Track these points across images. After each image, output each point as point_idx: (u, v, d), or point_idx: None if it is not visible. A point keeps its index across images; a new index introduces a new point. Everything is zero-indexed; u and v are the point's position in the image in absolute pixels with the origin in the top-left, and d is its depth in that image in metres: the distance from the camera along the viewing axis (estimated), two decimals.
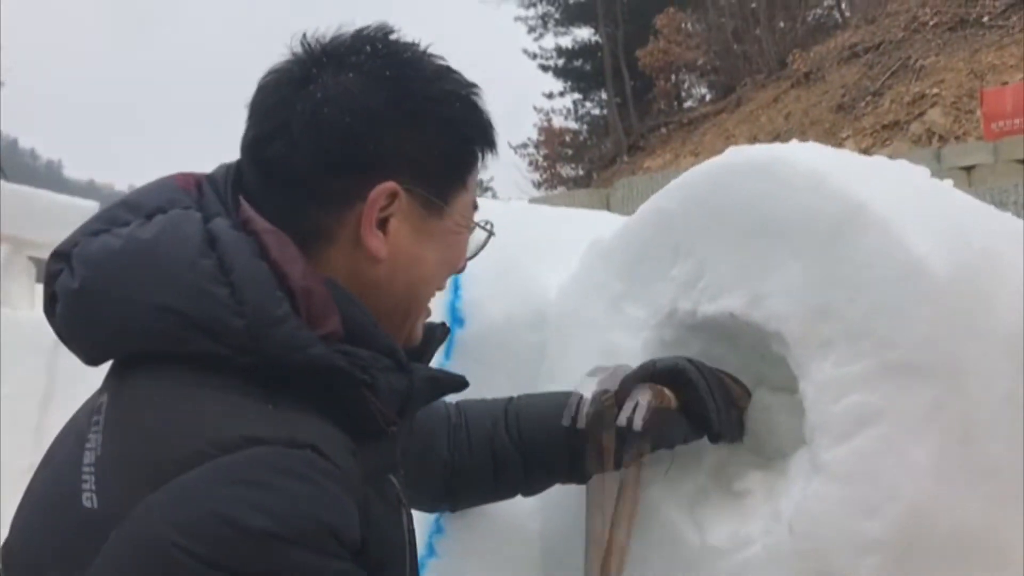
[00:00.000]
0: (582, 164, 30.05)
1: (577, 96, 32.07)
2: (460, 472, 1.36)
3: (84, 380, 1.08)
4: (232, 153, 1.05)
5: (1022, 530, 1.15)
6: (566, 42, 31.96)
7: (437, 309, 1.52)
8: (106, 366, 0.99)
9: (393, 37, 1.02)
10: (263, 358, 0.89)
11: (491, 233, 1.12)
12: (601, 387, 1.28)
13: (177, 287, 0.89)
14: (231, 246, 0.91)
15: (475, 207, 1.09)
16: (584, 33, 31.54)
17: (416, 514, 1.17)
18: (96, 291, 0.91)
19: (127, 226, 0.93)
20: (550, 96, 31.62)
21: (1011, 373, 1.17)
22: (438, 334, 1.14)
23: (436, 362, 1.40)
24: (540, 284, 1.63)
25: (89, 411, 0.95)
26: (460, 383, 1.11)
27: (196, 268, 0.89)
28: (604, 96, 30.40)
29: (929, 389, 1.13)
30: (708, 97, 28.07)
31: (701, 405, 1.29)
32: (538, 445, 1.35)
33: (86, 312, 0.92)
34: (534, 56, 31.31)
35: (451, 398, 1.24)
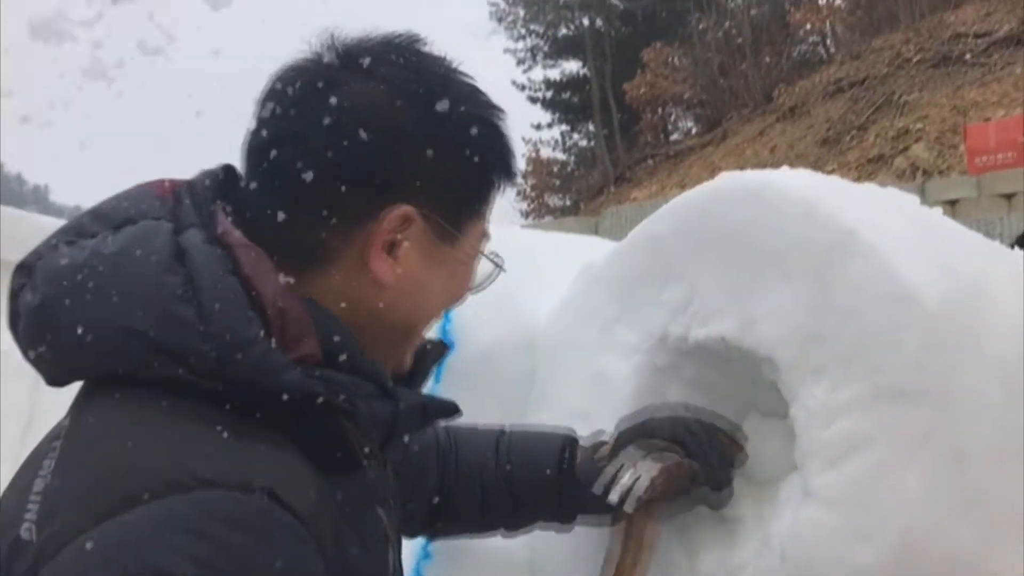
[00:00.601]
0: (569, 194, 30.17)
1: (565, 128, 32.26)
2: (447, 501, 1.31)
3: (65, 407, 1.03)
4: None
5: (1014, 557, 1.15)
6: (554, 75, 32.22)
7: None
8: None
9: (424, 49, 0.96)
10: (231, 383, 0.82)
11: (500, 267, 1.06)
12: (658, 465, 1.21)
13: (141, 307, 0.82)
14: (201, 262, 0.85)
15: (486, 236, 1.03)
16: (572, 66, 31.80)
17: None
18: (57, 309, 0.84)
19: (94, 238, 0.87)
20: (538, 127, 31.74)
21: (1002, 400, 1.17)
22: (433, 353, 1.06)
23: (425, 387, 1.39)
24: (531, 309, 1.63)
25: (51, 436, 0.89)
26: (451, 409, 1.03)
27: (161, 286, 0.83)
28: (592, 128, 30.59)
29: (920, 414, 1.13)
30: (694, 130, 28.25)
31: (702, 465, 1.26)
32: (528, 484, 1.29)
33: (47, 331, 0.86)
34: (523, 88, 31.49)
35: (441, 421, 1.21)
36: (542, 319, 1.61)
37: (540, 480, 1.29)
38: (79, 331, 0.84)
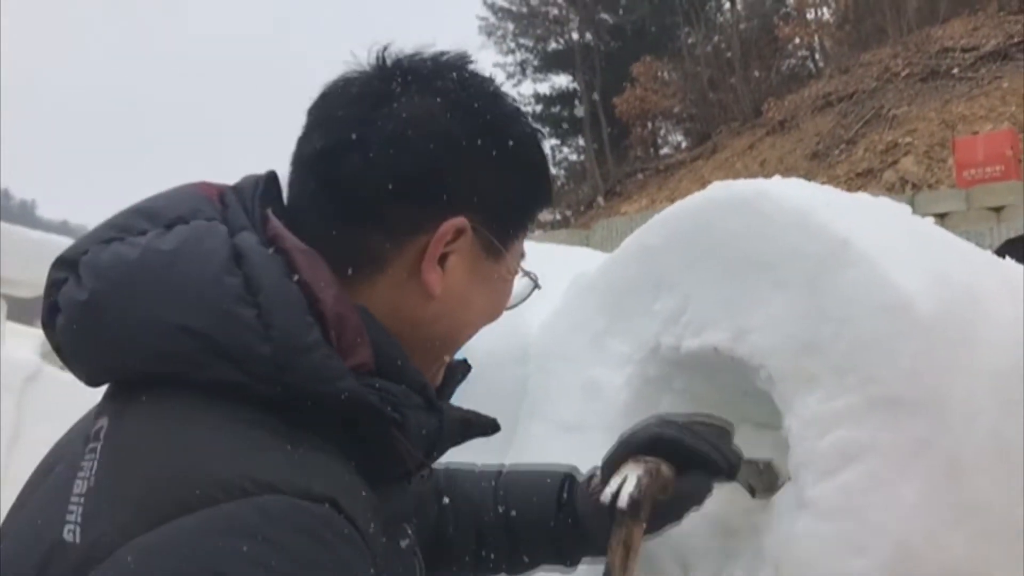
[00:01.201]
0: (559, 209, 30.23)
1: (555, 142, 32.36)
2: (444, 541, 1.27)
3: (52, 420, 1.01)
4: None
5: (1010, 568, 1.14)
6: (544, 89, 32.40)
7: None
8: (81, 395, 0.91)
9: (474, 68, 0.97)
10: (287, 388, 0.81)
11: (537, 285, 1.05)
12: (640, 466, 1.17)
13: (199, 306, 0.81)
14: (259, 264, 0.83)
15: (523, 255, 1.02)
16: (562, 80, 31.98)
17: None
18: (107, 305, 0.82)
19: (143, 235, 0.85)
20: None
21: (995, 409, 1.17)
22: (459, 372, 1.05)
23: None
24: (523, 319, 1.61)
25: (84, 437, 0.86)
26: (492, 426, 1.01)
27: (221, 286, 0.81)
28: (581, 142, 30.72)
29: (915, 424, 1.13)
30: (684, 144, 28.37)
31: (697, 455, 1.17)
32: (527, 525, 1.26)
33: (93, 327, 0.83)
34: (512, 102, 31.59)
35: (439, 464, 1.16)
36: (534, 329, 1.60)
37: (539, 520, 1.26)
38: (130, 328, 0.82)
